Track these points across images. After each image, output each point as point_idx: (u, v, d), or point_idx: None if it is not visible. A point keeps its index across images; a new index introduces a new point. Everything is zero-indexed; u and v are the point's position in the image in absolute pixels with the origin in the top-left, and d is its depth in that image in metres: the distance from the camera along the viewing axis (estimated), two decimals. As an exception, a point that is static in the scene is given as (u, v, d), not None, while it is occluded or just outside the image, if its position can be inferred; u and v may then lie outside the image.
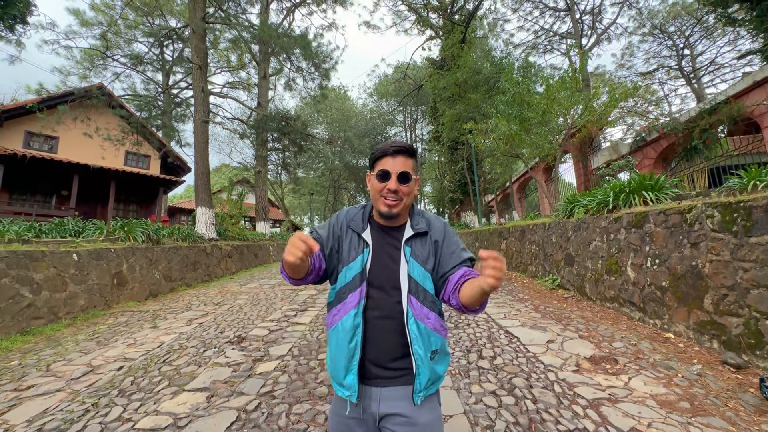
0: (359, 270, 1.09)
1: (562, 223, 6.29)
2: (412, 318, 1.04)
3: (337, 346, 1.07)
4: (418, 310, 1.05)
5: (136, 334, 4.47)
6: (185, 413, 2.44)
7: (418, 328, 1.04)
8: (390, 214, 1.09)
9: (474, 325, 4.35)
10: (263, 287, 7.94)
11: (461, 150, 18.52)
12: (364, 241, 1.12)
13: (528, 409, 2.38)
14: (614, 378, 2.76)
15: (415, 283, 1.07)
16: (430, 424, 1.06)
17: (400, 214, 1.12)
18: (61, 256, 5.35)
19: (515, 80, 9.67)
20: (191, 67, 12.42)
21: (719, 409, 2.28)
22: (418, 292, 1.07)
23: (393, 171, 1.07)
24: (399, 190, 1.07)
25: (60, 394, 2.78)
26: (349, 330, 1.05)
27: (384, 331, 1.06)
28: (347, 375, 1.05)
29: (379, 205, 1.10)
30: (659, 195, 4.60)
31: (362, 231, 1.13)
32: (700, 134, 10.77)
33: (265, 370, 3.18)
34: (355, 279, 1.08)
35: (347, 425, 1.08)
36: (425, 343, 1.04)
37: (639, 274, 4.17)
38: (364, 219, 1.16)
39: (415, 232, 1.12)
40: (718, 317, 3.11)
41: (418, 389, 1.04)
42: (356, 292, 1.07)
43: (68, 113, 12.46)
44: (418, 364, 1.03)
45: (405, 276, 1.07)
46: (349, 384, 1.04)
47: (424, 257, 1.10)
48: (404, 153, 1.10)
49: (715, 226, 3.22)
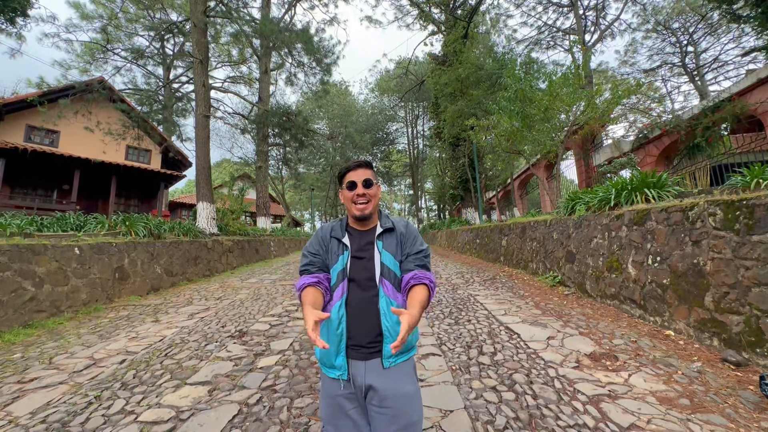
0: (341, 268, 1.32)
1: (564, 220, 6.28)
2: (384, 297, 1.27)
3: (328, 335, 1.27)
4: (390, 291, 1.29)
5: (138, 327, 4.49)
6: (187, 406, 2.46)
7: (389, 305, 1.26)
8: (363, 215, 1.35)
9: (474, 322, 4.36)
10: (264, 282, 7.96)
11: (462, 146, 18.47)
12: (344, 245, 1.36)
13: (528, 404, 2.39)
14: (614, 375, 2.77)
15: (387, 269, 1.31)
16: (408, 395, 1.24)
17: (371, 215, 1.38)
18: (63, 250, 5.36)
19: (517, 76, 9.61)
20: (192, 62, 12.37)
21: (719, 406, 2.28)
22: (390, 276, 1.31)
23: (358, 180, 1.35)
24: (366, 193, 1.34)
25: (63, 387, 2.80)
26: (335, 320, 1.26)
27: (363, 317, 1.27)
28: (337, 357, 1.25)
29: (353, 211, 1.35)
30: (661, 193, 4.58)
31: (342, 237, 1.37)
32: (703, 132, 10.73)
33: (266, 365, 3.19)
34: (339, 276, 1.31)
35: (339, 405, 1.26)
36: (392, 317, 1.24)
37: (640, 272, 4.17)
38: (342, 228, 1.41)
39: (383, 228, 1.39)
40: (719, 315, 3.11)
41: (386, 355, 1.24)
42: (339, 288, 1.30)
43: (69, 107, 12.42)
44: (386, 334, 1.24)
45: (378, 263, 1.31)
46: (340, 364, 1.25)
47: (393, 248, 1.35)
48: (364, 166, 1.38)
49: (717, 224, 3.21)
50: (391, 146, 40.97)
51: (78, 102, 13.15)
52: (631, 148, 13.46)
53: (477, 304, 5.25)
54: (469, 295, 5.93)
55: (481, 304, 5.23)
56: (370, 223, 1.41)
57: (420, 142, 38.48)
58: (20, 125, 13.86)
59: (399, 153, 42.99)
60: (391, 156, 41.96)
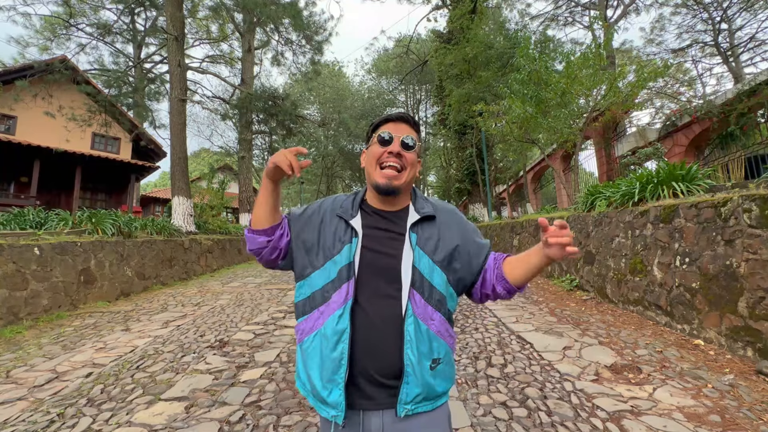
0: (346, 263, 1.00)
1: (582, 217, 6.30)
2: (412, 317, 0.96)
3: (317, 358, 0.97)
4: (422, 309, 0.98)
5: (106, 337, 4.48)
6: (162, 425, 2.45)
7: (418, 330, 0.96)
8: (389, 187, 1.02)
9: (483, 330, 4.38)
10: (248, 286, 7.95)
11: (470, 135, 18.45)
12: (352, 229, 1.04)
13: (542, 422, 2.40)
14: (637, 388, 2.79)
15: (420, 276, 0.99)
16: None
17: (401, 191, 1.06)
18: (21, 250, 5.33)
19: (532, 56, 9.59)
20: (166, 39, 12.28)
21: (753, 423, 2.30)
22: (423, 287, 0.99)
23: (396, 135, 1.04)
24: (402, 154, 1.03)
25: (22, 403, 2.79)
26: (332, 336, 0.95)
27: (378, 338, 0.96)
28: (332, 391, 0.94)
29: (376, 177, 1.04)
30: (691, 186, 4.59)
31: (351, 218, 1.06)
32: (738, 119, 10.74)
33: (250, 378, 3.19)
34: (341, 274, 1.00)
35: None
36: (422, 347, 0.96)
37: (666, 275, 4.18)
38: (354, 205, 1.09)
39: (421, 215, 1.06)
40: (754, 322, 3.13)
41: (403, 400, 0.94)
42: (342, 290, 0.98)
43: (28, 89, 12.33)
44: (407, 371, 0.94)
45: (409, 267, 0.99)
46: (335, 402, 0.94)
47: (432, 247, 1.04)
48: (409, 122, 1.08)
49: (753, 221, 3.22)
50: (390, 134, 40.93)
51: (38, 84, 13.04)
52: (657, 137, 13.49)
53: (485, 311, 5.26)
54: (477, 300, 5.94)
55: (489, 311, 5.24)
56: (400, 203, 1.11)
57: (423, 129, 38.46)
58: (-28, 109, 13.75)
59: (399, 142, 42.97)
60: (390, 145, 41.93)
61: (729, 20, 20.62)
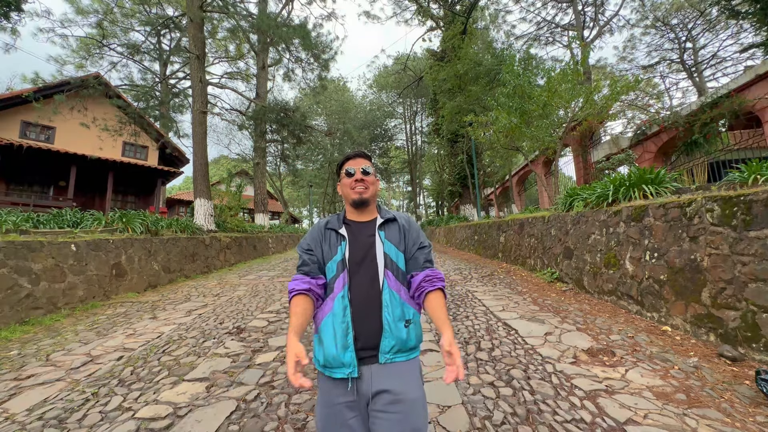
0: (340, 259, 1.27)
1: (562, 216, 6.28)
2: (387, 288, 1.23)
3: (334, 328, 1.20)
4: (393, 283, 1.26)
5: (135, 324, 4.48)
6: (185, 402, 2.45)
7: (392, 297, 1.23)
8: (362, 199, 1.32)
9: (472, 317, 4.37)
10: (262, 279, 7.95)
11: (461, 143, 18.43)
12: (341, 235, 1.32)
13: (526, 400, 2.40)
14: (611, 370, 2.78)
15: (390, 260, 1.28)
16: (415, 401, 1.17)
17: (370, 202, 1.36)
18: (60, 246, 5.33)
19: (516, 72, 9.57)
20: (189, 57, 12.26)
21: (715, 400, 2.30)
22: (393, 268, 1.28)
23: (356, 167, 1.35)
24: (364, 179, 1.33)
25: (60, 384, 2.79)
26: (339, 312, 1.21)
27: (367, 310, 1.22)
28: (346, 352, 1.17)
29: (351, 196, 1.33)
30: (659, 189, 4.58)
31: (339, 228, 1.34)
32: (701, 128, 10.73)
33: (264, 361, 3.19)
34: (338, 268, 1.26)
35: (339, 412, 1.17)
36: (396, 310, 1.22)
37: (637, 268, 4.18)
38: (339, 221, 1.37)
39: (384, 219, 1.36)
40: (716, 311, 3.12)
41: (383, 350, 1.19)
42: (340, 279, 1.25)
43: (65, 103, 12.28)
44: (385, 328, 1.19)
45: (381, 254, 1.28)
46: (349, 361, 1.16)
47: (396, 239, 1.32)
48: (362, 156, 1.39)
49: (715, 219, 3.21)
50: (390, 142, 40.81)
51: (74, 98, 13.00)
52: (629, 145, 13.46)
53: (475, 301, 5.25)
54: (467, 291, 5.94)
55: (479, 300, 5.24)
56: (370, 214, 1.38)
57: (418, 138, 38.38)
58: (15, 121, 13.72)
59: (397, 149, 42.86)
60: (390, 152, 41.81)
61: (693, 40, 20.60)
